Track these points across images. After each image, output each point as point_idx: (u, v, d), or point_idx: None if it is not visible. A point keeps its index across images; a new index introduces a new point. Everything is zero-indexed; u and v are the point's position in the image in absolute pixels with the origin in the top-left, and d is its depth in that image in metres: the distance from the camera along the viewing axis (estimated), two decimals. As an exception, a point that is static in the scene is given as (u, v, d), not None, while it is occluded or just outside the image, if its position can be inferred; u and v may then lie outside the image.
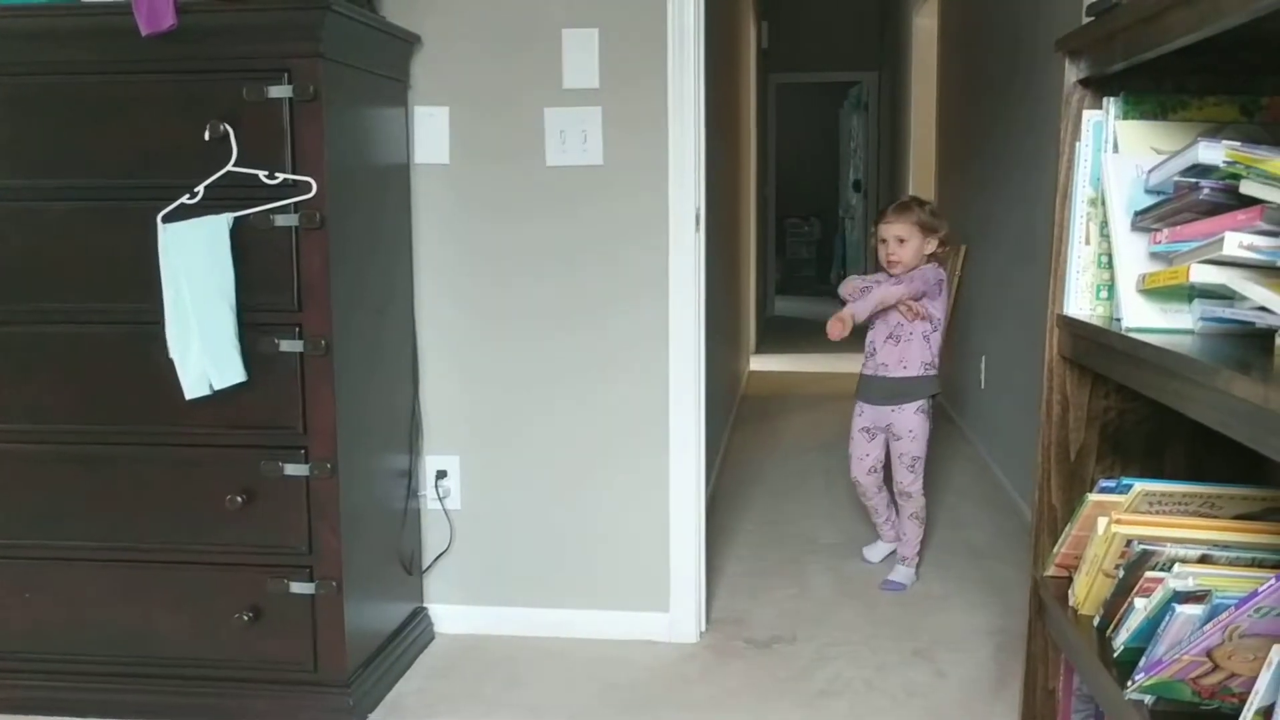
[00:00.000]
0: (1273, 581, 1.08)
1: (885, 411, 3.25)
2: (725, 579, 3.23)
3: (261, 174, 2.19)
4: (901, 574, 3.25)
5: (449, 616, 2.84)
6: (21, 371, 2.32)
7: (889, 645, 2.77)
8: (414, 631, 2.70)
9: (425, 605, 2.83)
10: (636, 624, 2.80)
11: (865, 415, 3.31)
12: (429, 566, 2.84)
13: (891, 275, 3.21)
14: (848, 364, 7.07)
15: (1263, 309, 1.18)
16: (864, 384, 3.32)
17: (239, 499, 2.26)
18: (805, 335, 8.85)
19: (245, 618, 2.30)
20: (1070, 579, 1.65)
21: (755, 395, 6.35)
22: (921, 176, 6.72)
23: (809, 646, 2.76)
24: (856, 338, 3.25)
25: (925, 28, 6.70)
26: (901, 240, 3.15)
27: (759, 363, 7.47)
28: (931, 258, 3.20)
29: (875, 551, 3.43)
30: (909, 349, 3.19)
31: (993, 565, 3.37)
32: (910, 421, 3.22)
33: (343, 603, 2.30)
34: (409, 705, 2.47)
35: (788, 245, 12.25)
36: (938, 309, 3.19)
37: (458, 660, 2.70)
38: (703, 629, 2.85)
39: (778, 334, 8.88)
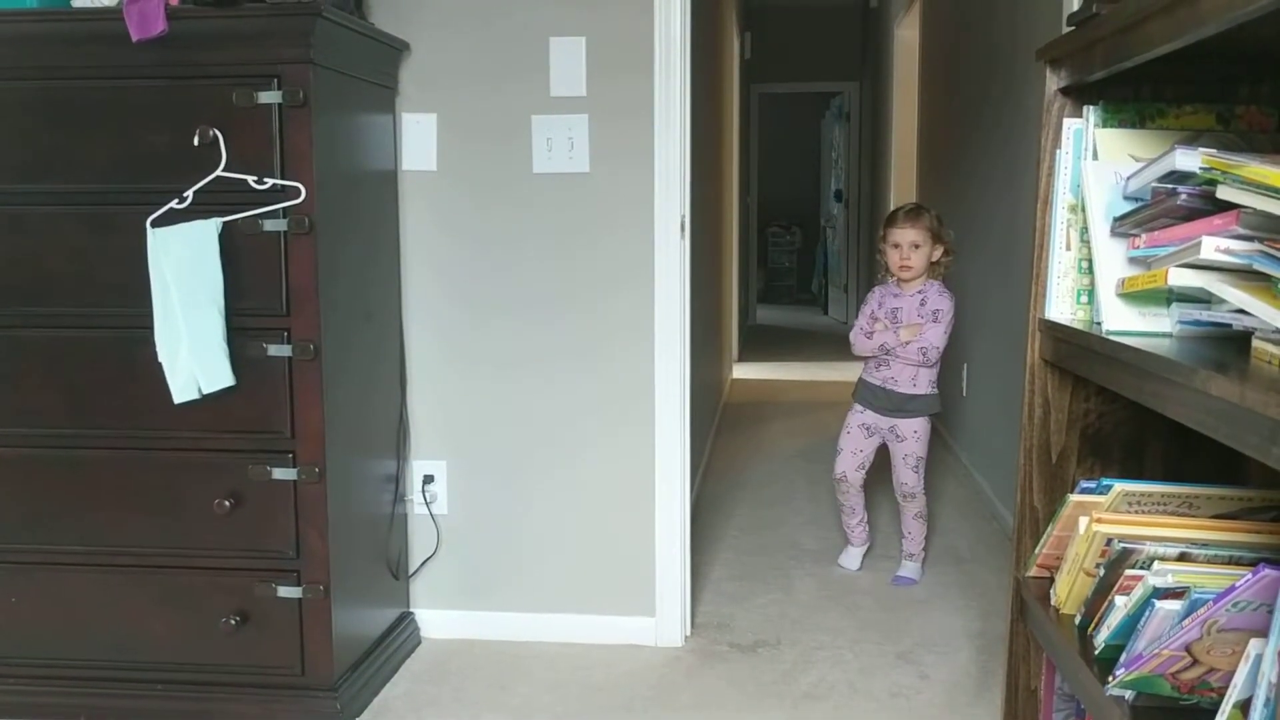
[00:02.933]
0: (1249, 576, 1.10)
1: (889, 418, 3.29)
2: (710, 583, 3.25)
3: (250, 179, 2.20)
4: (911, 569, 3.33)
5: (436, 621, 2.85)
6: (9, 375, 2.32)
7: (872, 648, 2.79)
8: (401, 636, 2.70)
9: (412, 610, 2.84)
10: (622, 628, 2.81)
11: (866, 415, 3.33)
12: (416, 571, 2.84)
13: (903, 280, 3.23)
14: (829, 372, 7.15)
15: (1239, 311, 1.20)
16: (868, 391, 3.32)
17: (227, 503, 2.26)
18: (787, 343, 8.91)
19: (232, 622, 2.30)
20: (1052, 579, 1.68)
21: (738, 403, 6.38)
22: (903, 186, 6.77)
23: (793, 650, 2.78)
24: (844, 350, 3.32)
25: (906, 39, 6.75)
26: (917, 246, 3.17)
27: (741, 370, 7.50)
28: (935, 265, 3.23)
29: (852, 558, 3.45)
30: (922, 369, 3.23)
31: (974, 569, 3.40)
32: (915, 423, 3.27)
33: (330, 607, 2.31)
34: (396, 709, 2.48)
35: (769, 254, 12.30)
36: (944, 339, 3.22)
37: (444, 664, 2.70)
38: (688, 633, 2.87)
39: (760, 342, 8.92)
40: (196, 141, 2.18)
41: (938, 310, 3.19)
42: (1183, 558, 1.36)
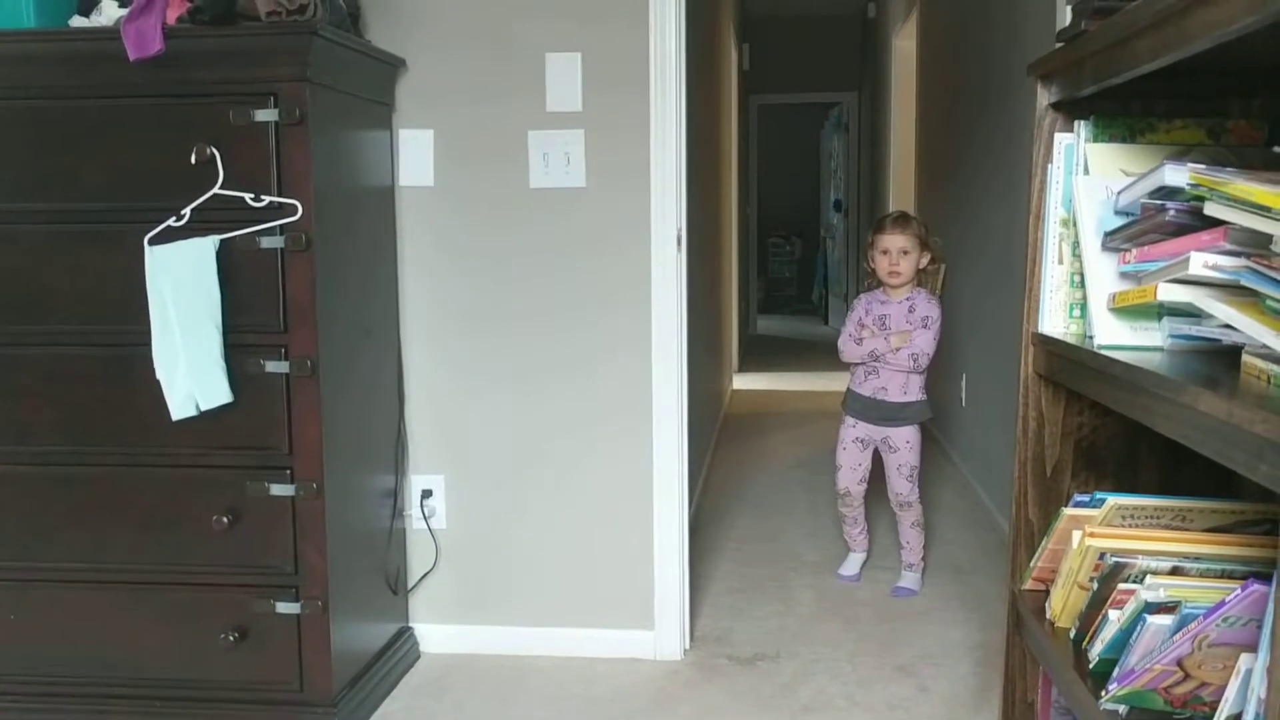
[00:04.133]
0: (1239, 591, 1.11)
1: (881, 428, 3.30)
2: (709, 596, 3.25)
3: (248, 196, 2.21)
4: (910, 579, 3.34)
5: (435, 636, 2.85)
6: (7, 393, 2.33)
7: (871, 661, 2.79)
8: (400, 651, 2.70)
9: (411, 624, 2.84)
10: (621, 642, 2.81)
11: (859, 427, 3.34)
12: (414, 586, 2.85)
13: (891, 287, 3.25)
14: (830, 382, 7.14)
15: (1228, 326, 1.21)
16: (858, 403, 3.33)
17: (225, 519, 2.27)
18: (788, 354, 8.91)
19: (231, 638, 2.30)
20: (1047, 592, 1.68)
21: (738, 413, 6.38)
22: (901, 196, 6.78)
23: (792, 663, 2.78)
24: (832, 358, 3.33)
25: (904, 49, 6.77)
26: (905, 252, 3.19)
27: (742, 381, 7.50)
28: (923, 273, 3.25)
29: (851, 566, 3.46)
30: (912, 377, 3.24)
31: (973, 580, 3.40)
32: (907, 433, 3.28)
33: (328, 622, 2.31)
34: (395, 724, 2.48)
35: (769, 264, 12.32)
36: (934, 345, 3.23)
37: (443, 679, 2.70)
38: (687, 646, 2.87)
39: (760, 353, 8.92)
40: (194, 159, 2.19)
41: (927, 317, 3.21)
42: (1175, 571, 1.36)
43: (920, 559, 3.36)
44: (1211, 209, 1.20)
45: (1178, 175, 1.31)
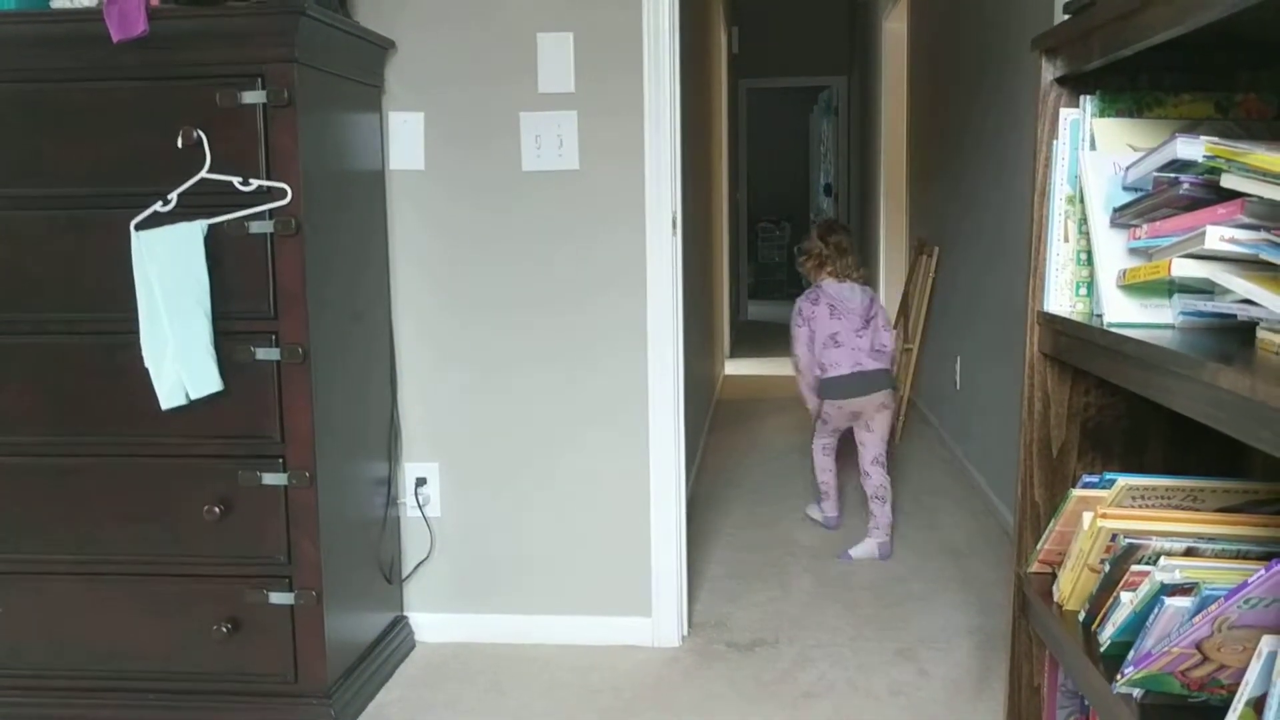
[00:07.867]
0: (1262, 572, 1.08)
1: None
2: (706, 582, 3.23)
3: (236, 180, 2.17)
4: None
5: (430, 625, 2.82)
6: (-8, 383, 2.29)
7: (871, 645, 2.77)
8: (395, 640, 2.68)
9: (406, 614, 2.81)
10: (618, 629, 2.79)
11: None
12: (409, 575, 2.82)
13: None
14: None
15: (1244, 302, 1.18)
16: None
17: (216, 509, 2.23)
18: (778, 339, 8.87)
19: (224, 629, 2.27)
20: (1054, 575, 1.65)
21: (730, 399, 6.36)
22: (892, 179, 6.76)
23: (791, 648, 2.76)
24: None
25: (894, 31, 6.74)
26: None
27: (733, 367, 7.48)
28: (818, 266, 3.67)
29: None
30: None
31: (971, 565, 3.39)
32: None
33: (322, 612, 2.28)
34: (390, 715, 2.45)
35: (759, 249, 12.29)
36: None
37: (439, 669, 2.68)
38: (685, 633, 2.85)
39: (751, 338, 8.90)
40: (180, 143, 2.15)
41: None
42: (1189, 553, 1.34)
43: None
44: (1230, 180, 1.17)
45: (1190, 148, 1.28)
